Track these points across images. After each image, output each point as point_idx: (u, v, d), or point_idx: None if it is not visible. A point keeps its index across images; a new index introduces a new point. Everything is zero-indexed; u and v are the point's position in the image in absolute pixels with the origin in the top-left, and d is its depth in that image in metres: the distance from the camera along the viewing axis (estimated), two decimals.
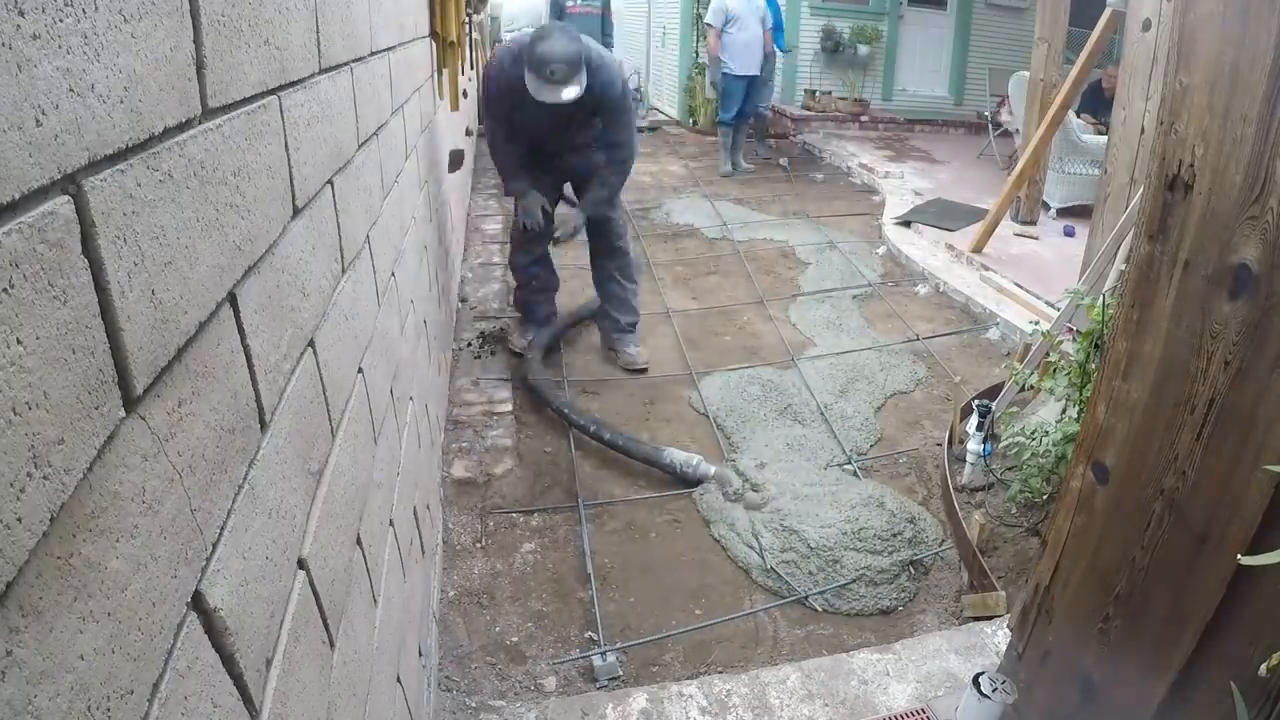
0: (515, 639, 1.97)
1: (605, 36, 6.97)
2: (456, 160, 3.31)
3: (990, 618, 2.00)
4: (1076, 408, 2.16)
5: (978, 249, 4.71)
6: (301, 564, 0.79)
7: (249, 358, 0.68)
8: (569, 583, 2.18)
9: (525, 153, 3.08)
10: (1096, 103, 5.90)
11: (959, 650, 1.90)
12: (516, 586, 2.15)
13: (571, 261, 4.14)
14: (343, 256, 1.07)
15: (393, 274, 1.52)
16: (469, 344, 3.43)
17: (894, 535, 2.30)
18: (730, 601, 2.11)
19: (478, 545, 2.30)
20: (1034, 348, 2.67)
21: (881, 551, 2.25)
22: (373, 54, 1.37)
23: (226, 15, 0.65)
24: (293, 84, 0.85)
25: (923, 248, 4.96)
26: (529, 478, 2.62)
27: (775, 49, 6.82)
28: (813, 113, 8.48)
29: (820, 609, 2.08)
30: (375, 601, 1.15)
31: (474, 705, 1.73)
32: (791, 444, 2.83)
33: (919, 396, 3.23)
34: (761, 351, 3.62)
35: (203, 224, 0.59)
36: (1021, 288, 4.18)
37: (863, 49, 8.57)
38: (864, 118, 8.55)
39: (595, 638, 1.97)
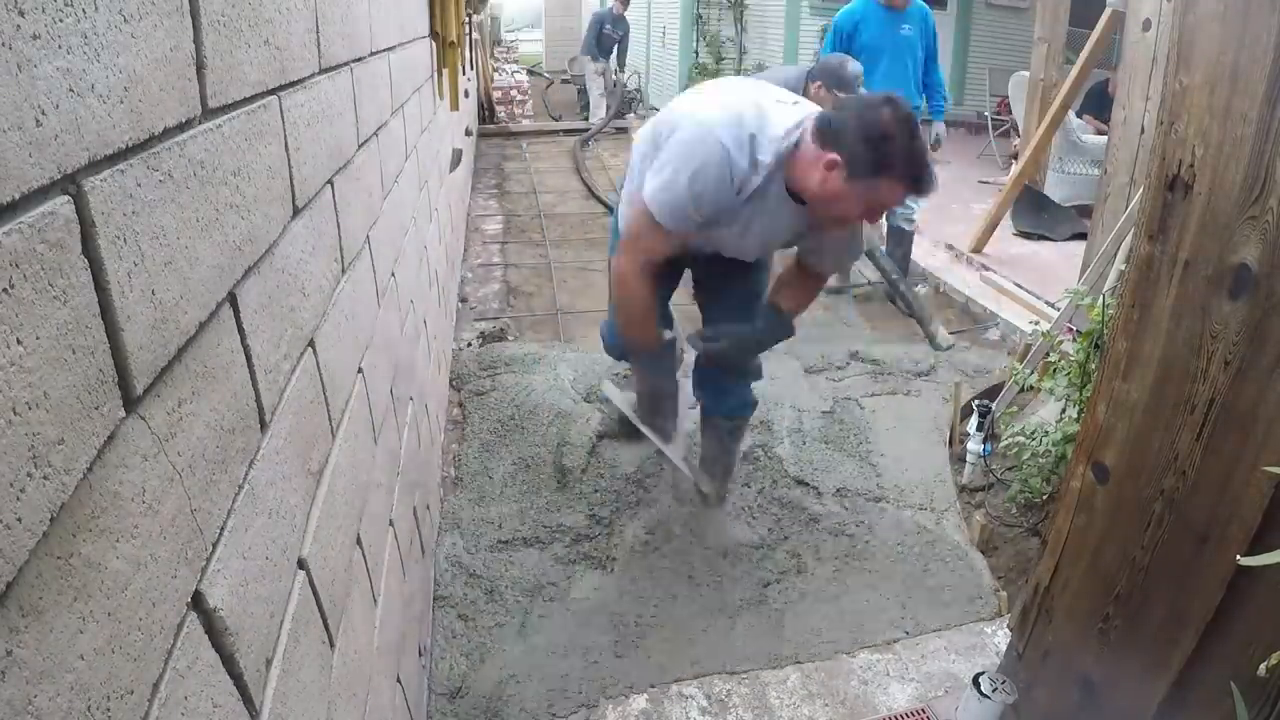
0: None
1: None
2: (456, 160, 3.31)
3: (991, 618, 2.00)
4: (1076, 408, 2.16)
5: (978, 249, 4.71)
6: (301, 564, 0.79)
7: (249, 358, 0.68)
8: None
9: None
10: (1102, 104, 5.89)
11: (959, 650, 1.90)
12: None
13: (573, 258, 4.13)
14: (343, 256, 1.07)
15: (393, 274, 1.52)
16: (469, 344, 3.43)
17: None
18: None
19: None
20: (1034, 348, 2.67)
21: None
22: (373, 54, 1.37)
23: (226, 15, 0.65)
24: (293, 84, 0.85)
25: (923, 247, 4.96)
26: None
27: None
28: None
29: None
30: (375, 601, 1.15)
31: None
32: None
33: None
34: None
35: (203, 224, 0.59)
36: (1021, 288, 4.19)
37: None
38: None
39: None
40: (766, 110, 1.62)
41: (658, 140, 1.73)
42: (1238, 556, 1.00)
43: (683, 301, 2.24)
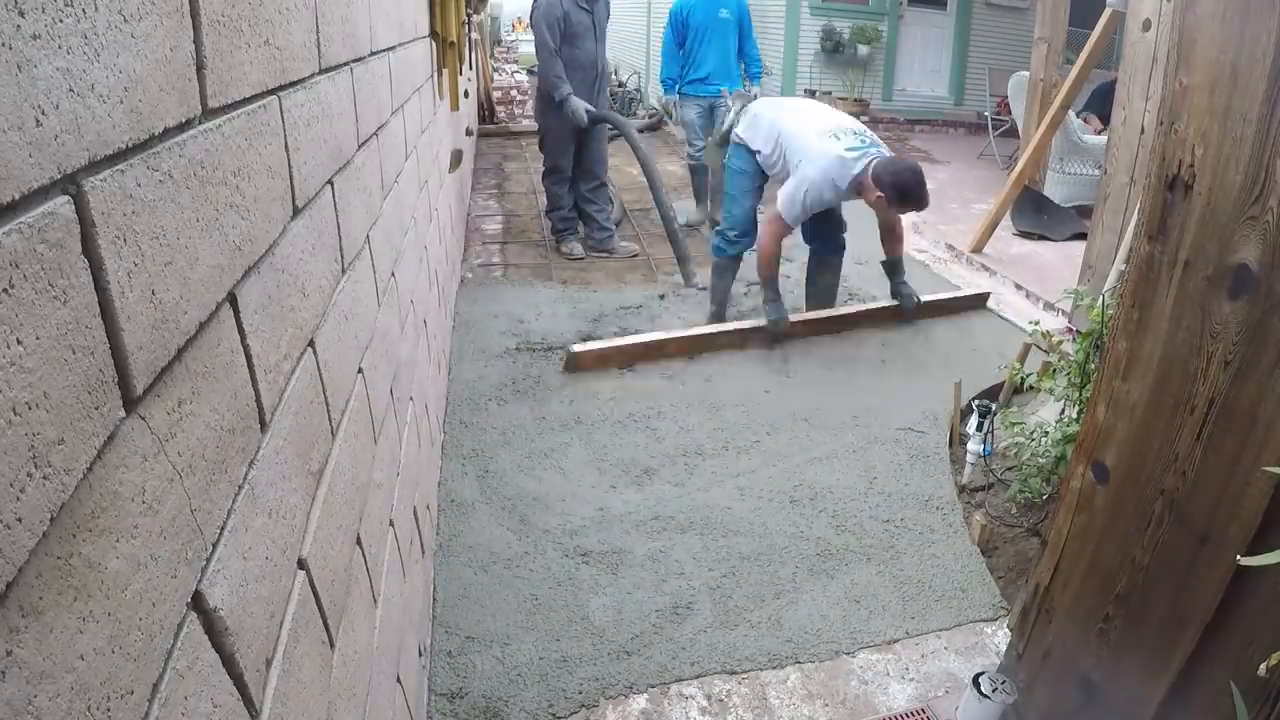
0: None
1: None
2: (456, 160, 3.31)
3: (992, 618, 2.00)
4: (1076, 408, 2.16)
5: (977, 249, 4.71)
6: (301, 564, 0.79)
7: (249, 358, 0.68)
8: None
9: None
10: (1105, 105, 5.89)
11: (959, 650, 1.90)
12: None
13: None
14: (343, 256, 1.07)
15: (393, 274, 1.52)
16: None
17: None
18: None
19: None
20: (1033, 348, 2.68)
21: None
22: (373, 54, 1.37)
23: (226, 15, 0.65)
24: (293, 84, 0.85)
25: (922, 248, 4.96)
26: None
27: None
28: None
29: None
30: (375, 601, 1.15)
31: None
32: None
33: None
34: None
35: (203, 224, 0.59)
36: (1021, 288, 4.19)
37: (863, 49, 8.57)
38: (864, 118, 8.51)
39: None
40: (847, 157, 3.14)
41: (777, 146, 3.35)
42: (1238, 556, 1.00)
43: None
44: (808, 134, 3.25)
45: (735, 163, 3.57)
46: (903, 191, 3.05)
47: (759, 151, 3.43)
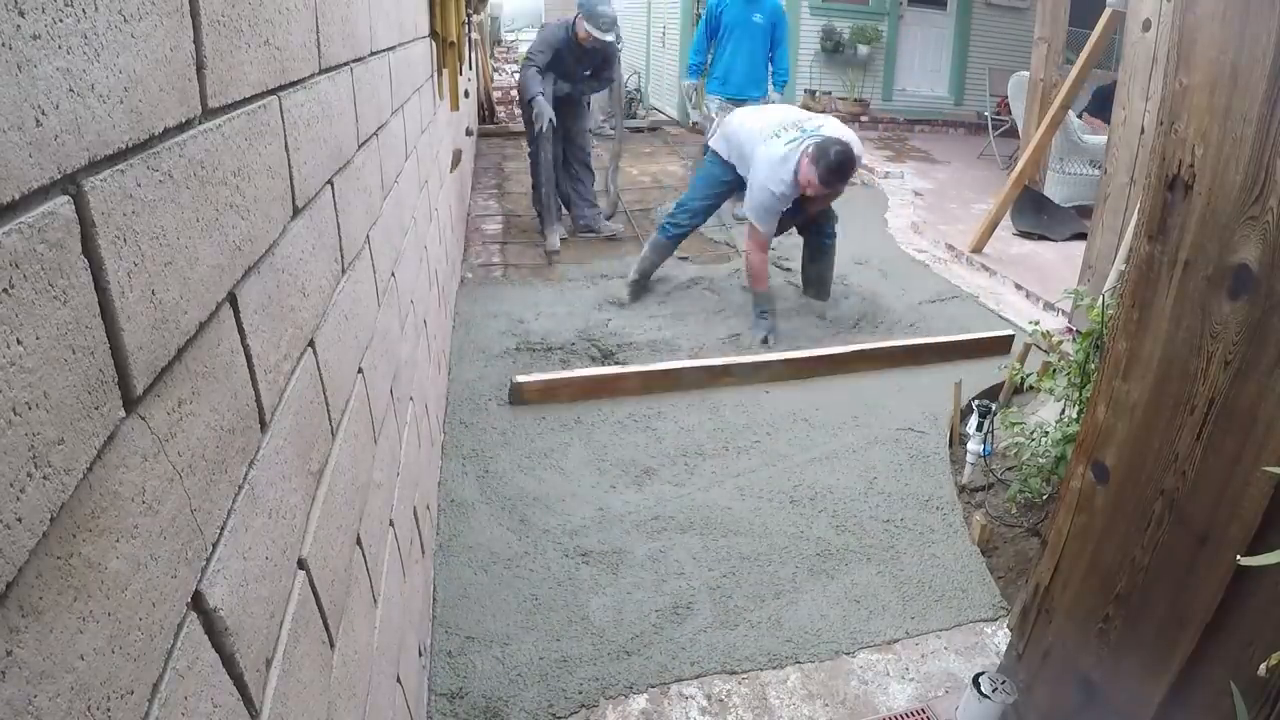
0: None
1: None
2: (456, 160, 3.31)
3: (992, 618, 2.00)
4: (1076, 408, 2.16)
5: (977, 249, 4.71)
6: (301, 564, 0.79)
7: (249, 358, 0.68)
8: None
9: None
10: (1107, 107, 5.89)
11: (959, 650, 1.90)
12: None
13: (573, 257, 4.09)
14: (343, 257, 1.07)
15: (393, 274, 1.52)
16: None
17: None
18: None
19: None
20: (1033, 348, 2.68)
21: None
22: (373, 54, 1.37)
23: (226, 15, 0.65)
24: (293, 84, 0.85)
25: (922, 248, 4.97)
26: None
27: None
28: (812, 113, 8.48)
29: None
30: (375, 601, 1.15)
31: None
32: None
33: None
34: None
35: (203, 224, 0.59)
36: (1021, 288, 4.19)
37: (863, 49, 8.57)
38: (864, 118, 8.55)
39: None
40: (784, 152, 3.30)
41: (742, 158, 3.55)
42: (1238, 556, 1.00)
43: None
44: (754, 139, 3.43)
45: (708, 163, 3.88)
46: (829, 166, 3.15)
47: (734, 165, 3.64)
